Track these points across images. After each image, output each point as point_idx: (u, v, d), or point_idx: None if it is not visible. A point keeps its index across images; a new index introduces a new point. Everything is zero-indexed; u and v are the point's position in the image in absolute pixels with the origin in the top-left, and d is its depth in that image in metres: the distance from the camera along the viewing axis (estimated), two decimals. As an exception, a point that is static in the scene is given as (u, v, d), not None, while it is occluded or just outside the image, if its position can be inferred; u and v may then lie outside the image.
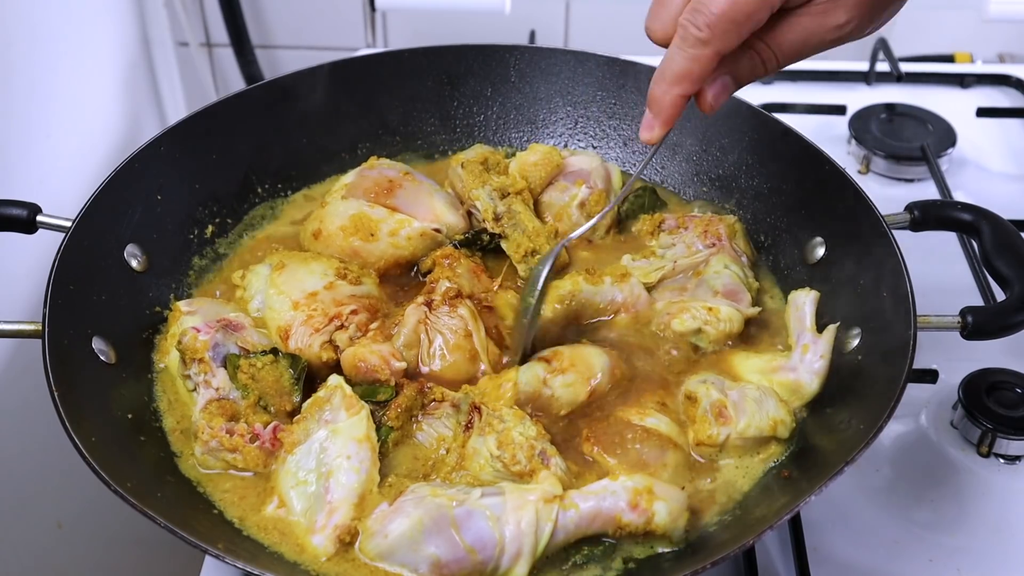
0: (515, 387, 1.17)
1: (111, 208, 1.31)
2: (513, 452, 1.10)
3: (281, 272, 1.32)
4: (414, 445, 1.18)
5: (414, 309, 1.27)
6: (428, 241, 1.38)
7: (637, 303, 1.32)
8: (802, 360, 1.22)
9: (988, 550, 1.24)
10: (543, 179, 1.47)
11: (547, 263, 1.23)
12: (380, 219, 1.38)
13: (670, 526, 1.06)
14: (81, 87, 1.97)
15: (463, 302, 1.27)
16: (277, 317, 1.28)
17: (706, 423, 1.16)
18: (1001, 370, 1.37)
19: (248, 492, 1.14)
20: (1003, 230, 1.24)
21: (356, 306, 1.29)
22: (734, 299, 1.30)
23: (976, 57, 2.27)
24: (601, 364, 1.22)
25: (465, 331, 1.25)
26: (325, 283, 1.30)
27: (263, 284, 1.33)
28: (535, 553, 1.04)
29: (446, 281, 1.30)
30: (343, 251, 1.38)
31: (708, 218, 1.41)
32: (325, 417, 1.15)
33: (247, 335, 1.25)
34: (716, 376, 1.22)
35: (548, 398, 1.19)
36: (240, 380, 1.19)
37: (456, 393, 1.18)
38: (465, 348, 1.25)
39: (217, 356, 1.20)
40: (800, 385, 1.21)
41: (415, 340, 1.26)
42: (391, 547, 1.03)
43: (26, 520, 1.75)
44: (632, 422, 1.17)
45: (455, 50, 1.62)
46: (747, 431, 1.14)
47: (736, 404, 1.16)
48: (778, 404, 1.17)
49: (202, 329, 1.21)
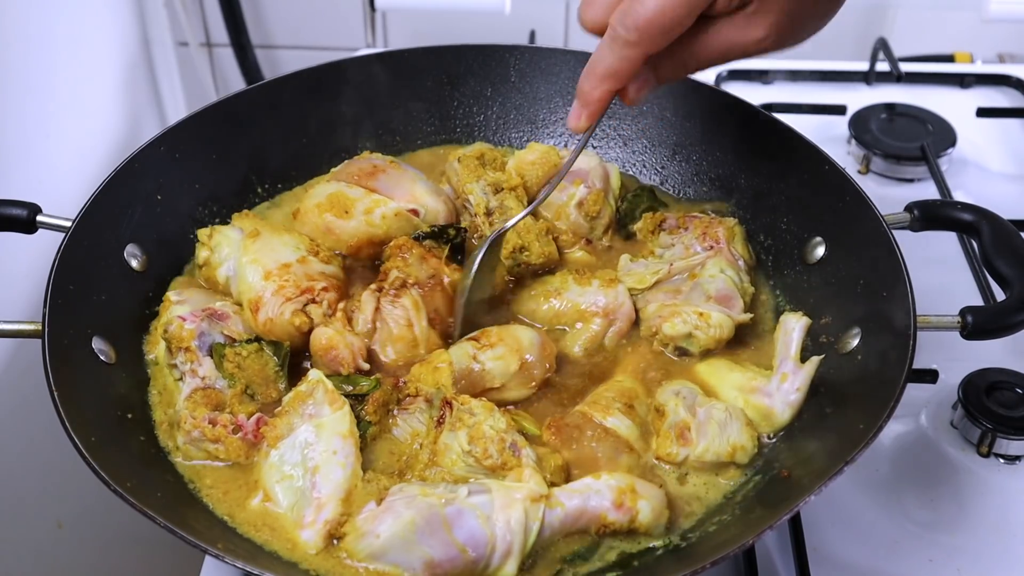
0: (450, 366, 1.19)
1: (111, 208, 1.31)
2: (484, 446, 1.11)
3: (255, 240, 1.32)
4: (390, 440, 1.19)
5: (369, 296, 1.29)
6: (403, 222, 1.38)
7: (619, 311, 1.32)
8: (779, 388, 1.21)
9: (988, 550, 1.24)
10: (541, 178, 1.47)
11: (483, 247, 1.27)
12: (356, 198, 1.38)
13: (653, 523, 1.09)
14: (81, 87, 1.97)
15: (407, 292, 1.28)
16: (248, 289, 1.28)
17: (668, 440, 1.16)
18: (1001, 370, 1.37)
19: (231, 487, 1.15)
20: (1003, 230, 1.24)
21: (326, 284, 1.30)
22: (727, 305, 1.30)
23: (976, 57, 2.27)
24: (529, 338, 1.25)
25: (407, 320, 1.27)
26: (298, 256, 1.31)
27: (235, 250, 1.32)
28: (524, 551, 1.05)
29: (396, 270, 1.30)
30: (317, 228, 1.38)
31: (708, 220, 1.40)
32: (308, 411, 1.15)
33: (232, 324, 1.25)
34: (690, 388, 1.22)
35: (480, 373, 1.21)
36: (227, 369, 1.20)
37: (429, 388, 1.19)
38: (407, 338, 1.27)
39: (203, 345, 1.21)
40: (772, 413, 1.20)
41: (373, 327, 1.28)
42: (383, 547, 1.04)
43: (26, 520, 1.75)
44: (594, 419, 1.18)
45: (455, 50, 1.62)
46: (704, 455, 1.15)
47: (700, 427, 1.16)
48: (742, 429, 1.17)
49: (188, 318, 1.22)
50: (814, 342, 1.27)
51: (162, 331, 1.23)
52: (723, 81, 2.05)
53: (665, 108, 1.57)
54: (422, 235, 1.37)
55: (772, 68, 2.08)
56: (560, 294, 1.35)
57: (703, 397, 1.20)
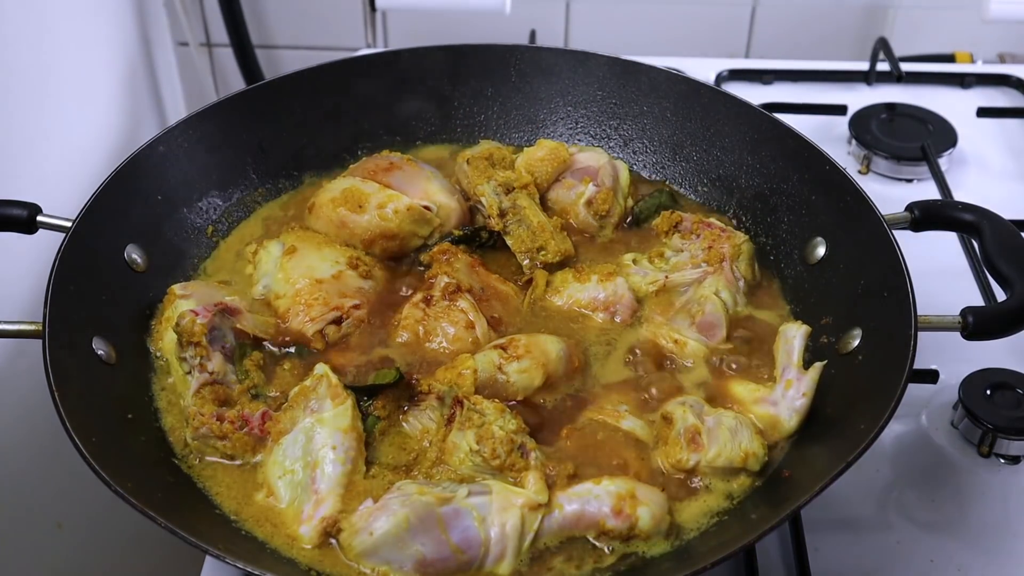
0: (474, 374, 1.18)
1: (111, 208, 1.31)
2: (493, 447, 1.11)
3: (292, 257, 1.34)
4: (399, 435, 1.19)
5: (411, 308, 1.29)
6: (416, 218, 1.38)
7: (619, 303, 1.32)
8: (784, 395, 1.20)
9: (989, 550, 1.24)
10: (550, 175, 1.47)
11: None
12: (370, 193, 1.39)
13: (653, 530, 1.08)
14: (81, 87, 1.97)
15: (462, 295, 1.28)
16: (279, 305, 1.30)
17: (677, 447, 1.15)
18: (1001, 370, 1.37)
19: (237, 484, 1.15)
20: (1004, 230, 1.24)
21: (360, 300, 1.31)
22: (708, 332, 1.30)
23: (976, 57, 2.27)
24: (557, 351, 1.24)
25: (467, 322, 1.26)
26: (334, 271, 1.33)
27: (272, 267, 1.34)
28: (518, 555, 1.05)
29: (445, 276, 1.30)
30: (331, 222, 1.39)
31: (716, 232, 1.38)
32: (311, 406, 1.16)
33: (244, 319, 1.26)
34: (696, 399, 1.21)
35: (504, 384, 1.20)
36: (244, 365, 1.22)
37: (442, 386, 1.19)
38: (466, 339, 1.26)
39: (214, 339, 1.21)
40: (779, 421, 1.19)
41: (415, 337, 1.28)
42: (376, 544, 1.04)
43: (26, 520, 1.75)
44: (608, 423, 1.19)
45: (455, 50, 1.62)
46: (716, 460, 1.14)
47: (710, 431, 1.15)
48: (752, 436, 1.16)
49: (200, 312, 1.22)
50: (814, 343, 1.27)
51: (173, 324, 1.23)
52: (723, 81, 2.05)
53: (665, 108, 1.57)
54: (455, 239, 1.38)
55: (772, 68, 2.08)
56: (560, 291, 1.35)
57: (709, 407, 1.20)
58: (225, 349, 1.22)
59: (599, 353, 1.29)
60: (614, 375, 1.27)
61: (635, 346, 1.30)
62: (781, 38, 2.41)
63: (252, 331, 1.26)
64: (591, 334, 1.32)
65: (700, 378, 1.27)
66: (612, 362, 1.28)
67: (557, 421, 1.21)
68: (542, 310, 1.35)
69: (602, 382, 1.26)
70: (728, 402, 1.23)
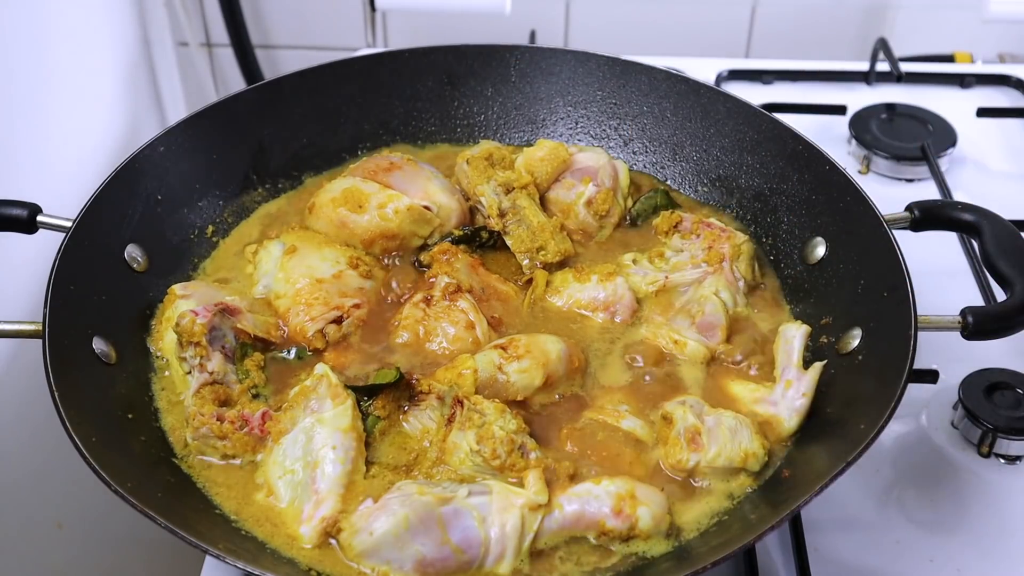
0: (475, 374, 1.18)
1: (111, 208, 1.31)
2: (493, 447, 1.11)
3: (292, 256, 1.34)
4: (400, 435, 1.19)
5: (412, 308, 1.29)
6: (416, 217, 1.38)
7: (619, 303, 1.33)
8: (784, 396, 1.20)
9: (988, 550, 1.24)
10: (550, 175, 1.47)
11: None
12: (371, 193, 1.39)
13: (653, 530, 1.08)
14: (81, 87, 1.97)
15: (463, 295, 1.29)
16: (279, 305, 1.31)
17: (677, 447, 1.15)
18: (1001, 370, 1.37)
19: (237, 484, 1.15)
20: (1004, 230, 1.24)
21: (360, 300, 1.31)
22: (707, 332, 1.30)
23: (976, 57, 2.27)
24: (557, 351, 1.24)
25: (467, 323, 1.26)
26: (335, 271, 1.33)
27: (272, 266, 1.35)
28: (518, 555, 1.06)
29: (445, 276, 1.31)
30: (331, 222, 1.39)
31: (717, 232, 1.38)
32: (311, 406, 1.16)
33: (244, 320, 1.26)
34: (696, 399, 1.21)
35: (504, 384, 1.20)
36: (245, 365, 1.22)
37: (442, 386, 1.19)
38: (466, 339, 1.26)
39: (214, 340, 1.21)
40: (779, 421, 1.19)
41: (415, 337, 1.27)
42: (376, 544, 1.04)
43: (26, 520, 1.75)
44: (608, 423, 1.19)
45: (455, 50, 1.62)
46: (716, 460, 1.14)
47: (710, 432, 1.15)
48: (752, 436, 1.16)
49: (200, 312, 1.22)
50: (814, 343, 1.27)
51: (174, 324, 1.23)
52: (723, 81, 2.05)
53: (665, 108, 1.57)
54: (456, 239, 1.38)
55: (772, 68, 2.08)
56: (560, 291, 1.35)
57: (709, 408, 1.20)
58: (225, 349, 1.23)
59: (599, 353, 1.30)
60: (614, 375, 1.27)
61: (635, 346, 1.30)
62: (781, 38, 2.41)
63: (252, 331, 1.26)
64: (591, 334, 1.32)
65: (700, 378, 1.27)
66: (612, 362, 1.29)
67: (557, 421, 1.21)
68: (542, 310, 1.35)
69: (602, 382, 1.26)
70: (728, 402, 1.23)
